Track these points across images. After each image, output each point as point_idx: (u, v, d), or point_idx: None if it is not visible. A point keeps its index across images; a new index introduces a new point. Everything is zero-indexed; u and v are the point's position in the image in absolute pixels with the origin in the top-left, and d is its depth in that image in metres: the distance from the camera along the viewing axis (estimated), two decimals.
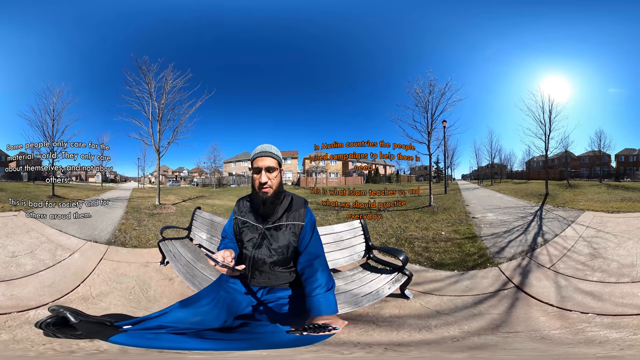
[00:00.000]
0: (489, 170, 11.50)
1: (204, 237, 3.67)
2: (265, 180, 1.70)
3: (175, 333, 1.54)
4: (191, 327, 1.57)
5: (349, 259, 2.96)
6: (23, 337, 2.25)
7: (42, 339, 1.62)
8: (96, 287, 3.33)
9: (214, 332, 1.58)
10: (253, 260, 1.79)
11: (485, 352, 2.09)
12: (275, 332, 1.54)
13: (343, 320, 1.55)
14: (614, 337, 2.29)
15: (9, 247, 4.22)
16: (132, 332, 1.56)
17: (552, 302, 2.92)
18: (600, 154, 9.38)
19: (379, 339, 2.27)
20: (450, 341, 2.27)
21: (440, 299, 3.09)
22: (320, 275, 1.70)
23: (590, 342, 2.23)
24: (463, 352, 2.09)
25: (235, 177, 12.69)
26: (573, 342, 2.25)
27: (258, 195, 1.75)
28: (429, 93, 7.02)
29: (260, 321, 1.66)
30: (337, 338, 2.13)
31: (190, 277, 2.84)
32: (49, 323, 1.50)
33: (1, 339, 2.24)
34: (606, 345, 2.15)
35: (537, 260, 4.01)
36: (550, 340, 2.27)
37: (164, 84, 7.48)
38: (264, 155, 1.72)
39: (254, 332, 1.59)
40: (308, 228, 1.80)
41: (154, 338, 1.52)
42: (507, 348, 2.16)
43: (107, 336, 1.52)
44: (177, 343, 1.49)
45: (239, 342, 1.54)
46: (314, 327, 1.34)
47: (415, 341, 2.28)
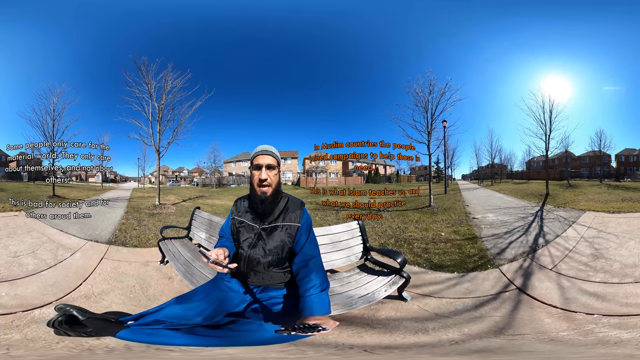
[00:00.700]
0: (489, 170, 11.49)
1: (203, 236, 3.68)
2: (266, 177, 1.72)
3: (171, 329, 1.58)
4: (185, 322, 1.61)
5: (346, 260, 2.94)
6: (34, 336, 2.27)
7: (54, 338, 1.65)
8: (98, 285, 3.35)
9: (204, 328, 1.61)
10: (248, 259, 1.81)
11: (492, 355, 2.07)
12: (259, 331, 1.57)
13: (334, 321, 1.57)
14: (626, 337, 2.27)
15: (10, 247, 4.23)
16: (134, 327, 1.61)
17: (556, 304, 2.90)
18: (600, 154, 9.38)
19: (369, 341, 2.25)
20: (448, 344, 2.25)
21: (439, 302, 3.06)
22: (314, 276, 1.72)
23: (604, 342, 2.21)
24: (463, 356, 2.07)
25: (236, 177, 12.69)
26: (587, 343, 2.23)
27: (256, 194, 1.76)
28: (429, 93, 7.02)
29: (249, 319, 1.69)
30: (325, 339, 2.12)
31: (188, 276, 2.85)
32: (61, 321, 1.54)
33: (14, 338, 2.26)
34: (622, 346, 2.14)
35: (538, 261, 4.00)
36: (562, 342, 2.25)
37: (164, 84, 7.48)
38: (265, 154, 1.76)
39: (239, 330, 1.62)
40: (304, 229, 1.82)
41: (152, 334, 1.56)
42: (518, 351, 2.14)
43: (114, 332, 1.57)
44: (171, 339, 1.53)
45: (223, 338, 1.57)
46: (303, 327, 1.36)
47: (408, 344, 2.25)
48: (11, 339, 2.25)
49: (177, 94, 7.59)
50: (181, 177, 13.98)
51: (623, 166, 9.89)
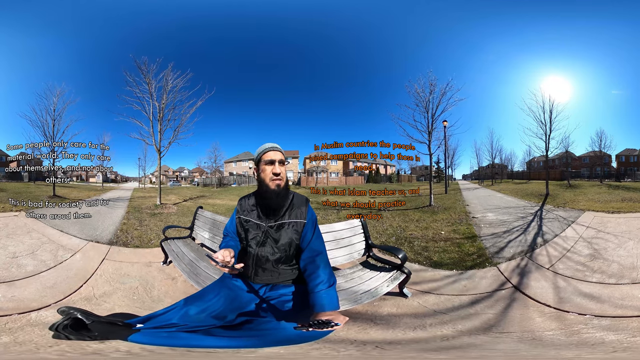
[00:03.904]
0: (489, 170, 11.49)
1: (207, 236, 3.69)
2: (279, 171, 1.76)
3: (186, 331, 1.58)
4: (198, 324, 1.62)
5: (348, 257, 2.99)
6: (25, 339, 2.23)
7: (49, 341, 1.59)
8: (99, 287, 3.31)
9: (221, 329, 1.62)
10: (256, 257, 1.83)
11: (470, 351, 2.09)
12: (280, 329, 1.59)
13: (344, 317, 1.61)
14: (611, 339, 2.27)
15: (9, 248, 4.21)
16: (146, 331, 1.59)
17: (550, 303, 2.91)
18: (600, 154, 9.37)
19: (374, 337, 2.29)
20: (440, 340, 2.28)
21: (438, 298, 3.11)
22: (322, 271, 1.74)
23: (582, 344, 2.21)
24: (446, 352, 2.10)
25: (236, 176, 12.70)
26: (564, 344, 2.23)
27: (269, 189, 1.77)
28: (430, 93, 7.04)
29: (265, 318, 1.70)
30: (335, 335, 2.15)
31: (194, 276, 2.86)
32: (66, 325, 1.49)
33: (1, 341, 2.21)
34: (598, 347, 2.14)
35: (536, 260, 4.01)
36: (540, 342, 2.26)
37: (165, 84, 7.50)
38: (276, 150, 1.80)
39: (258, 329, 1.63)
40: (309, 225, 1.85)
41: (168, 336, 1.56)
42: (493, 348, 2.15)
43: (124, 336, 1.55)
44: (189, 341, 1.54)
45: (245, 339, 1.58)
46: (319, 322, 1.41)
47: (406, 339, 2.28)
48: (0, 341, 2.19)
49: (178, 94, 7.63)
50: (182, 177, 14.00)
51: (623, 166, 9.89)
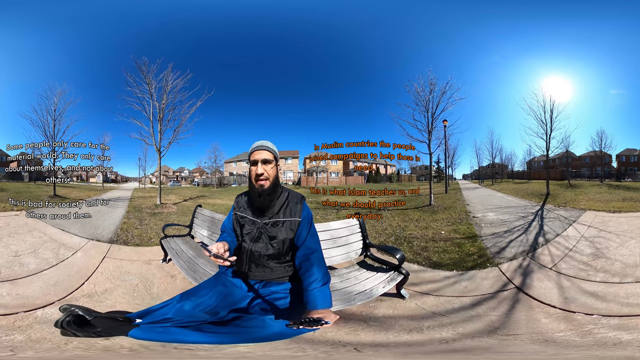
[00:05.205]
0: (489, 169, 11.49)
1: (205, 234, 3.70)
2: (262, 172, 1.77)
3: (179, 326, 1.60)
4: (192, 318, 1.64)
5: (345, 257, 2.95)
6: (39, 336, 2.23)
7: (62, 338, 1.62)
8: (100, 285, 3.35)
9: (211, 325, 1.64)
10: (250, 253, 1.85)
11: (475, 355, 2.04)
12: (263, 327, 1.61)
13: (335, 315, 1.63)
14: (626, 338, 2.22)
15: (12, 247, 4.23)
16: (144, 326, 1.62)
17: (555, 304, 2.86)
18: (601, 154, 9.38)
19: (362, 339, 2.23)
20: (438, 343, 2.22)
21: (437, 300, 3.04)
22: (316, 269, 1.76)
23: (603, 344, 2.17)
24: (446, 356, 2.05)
25: (236, 176, 12.70)
26: (584, 344, 2.18)
27: (254, 188, 1.81)
28: (430, 92, 7.03)
29: (252, 314, 1.72)
30: (324, 335, 2.13)
31: (191, 273, 2.87)
32: (69, 322, 1.52)
33: (17, 339, 2.22)
34: (621, 347, 2.09)
35: (538, 260, 3.98)
36: (556, 343, 2.21)
37: (165, 84, 7.51)
38: (261, 149, 1.81)
39: (243, 326, 1.65)
40: (305, 223, 1.86)
41: (162, 332, 1.58)
42: (504, 351, 2.10)
43: (125, 331, 1.57)
44: (181, 336, 1.56)
45: (230, 335, 1.60)
46: (310, 320, 1.44)
47: (398, 342, 2.23)
48: (14, 340, 2.22)
49: (178, 94, 7.64)
50: (182, 177, 14.00)
51: (624, 166, 9.89)
